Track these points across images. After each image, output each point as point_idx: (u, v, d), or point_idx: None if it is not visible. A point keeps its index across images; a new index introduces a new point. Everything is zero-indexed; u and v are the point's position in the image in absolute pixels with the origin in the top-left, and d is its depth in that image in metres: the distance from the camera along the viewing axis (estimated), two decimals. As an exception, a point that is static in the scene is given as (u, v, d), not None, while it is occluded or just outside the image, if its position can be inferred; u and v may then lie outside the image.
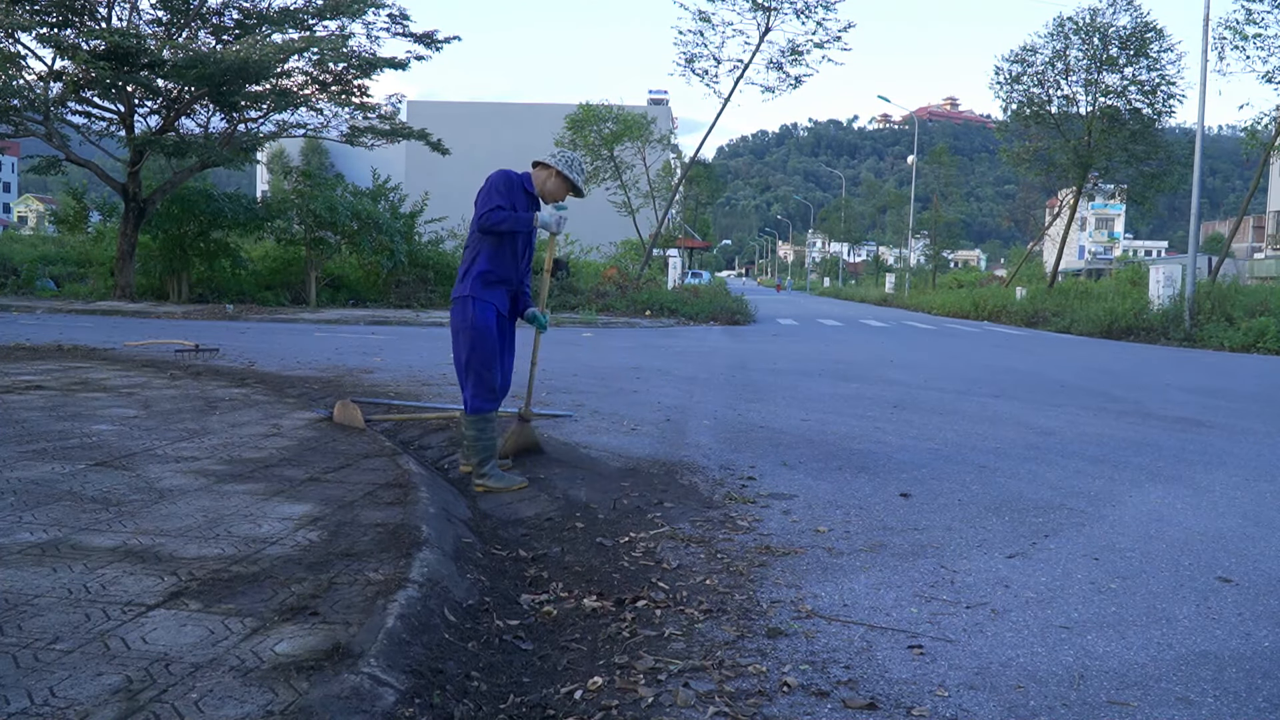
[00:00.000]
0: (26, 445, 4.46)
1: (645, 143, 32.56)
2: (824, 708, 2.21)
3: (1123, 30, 27.96)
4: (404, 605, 2.49)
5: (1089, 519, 4.03)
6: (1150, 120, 28.29)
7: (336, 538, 3.14)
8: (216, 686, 1.99)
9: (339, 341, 12.04)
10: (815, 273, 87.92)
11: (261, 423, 5.39)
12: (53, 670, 2.04)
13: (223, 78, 17.90)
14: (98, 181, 20.72)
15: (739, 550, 3.43)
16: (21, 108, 17.95)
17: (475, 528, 3.70)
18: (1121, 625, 2.79)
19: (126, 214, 19.86)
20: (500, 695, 2.25)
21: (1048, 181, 33.90)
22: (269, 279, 21.61)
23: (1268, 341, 16.38)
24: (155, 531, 3.13)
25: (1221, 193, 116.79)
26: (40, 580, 2.61)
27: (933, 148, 53.64)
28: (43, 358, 8.61)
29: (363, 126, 21.59)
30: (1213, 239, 55.37)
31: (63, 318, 15.58)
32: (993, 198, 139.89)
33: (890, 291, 45.00)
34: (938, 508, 4.13)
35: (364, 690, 2.02)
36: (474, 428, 4.32)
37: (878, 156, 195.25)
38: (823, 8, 23.76)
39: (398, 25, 20.54)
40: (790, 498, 4.22)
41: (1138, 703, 2.28)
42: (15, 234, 47.20)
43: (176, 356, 9.32)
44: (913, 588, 3.07)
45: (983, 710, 2.22)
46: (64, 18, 18.35)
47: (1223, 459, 5.56)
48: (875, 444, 5.63)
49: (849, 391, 8.23)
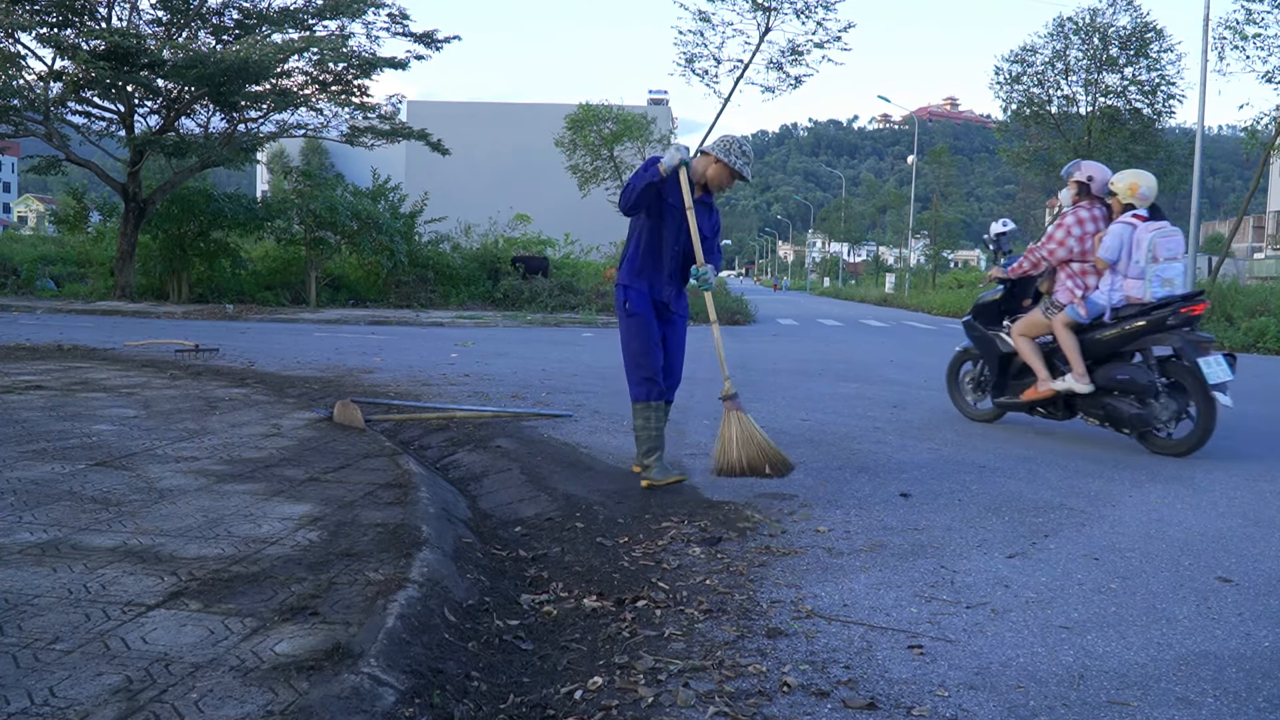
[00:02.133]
0: (26, 445, 4.46)
1: (645, 143, 32.51)
2: (824, 708, 2.21)
3: (1123, 30, 27.97)
4: (404, 605, 2.49)
5: (1089, 519, 4.03)
6: (1150, 120, 28.30)
7: (336, 538, 3.14)
8: (216, 686, 2.00)
9: (339, 341, 12.03)
10: (815, 273, 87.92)
11: (261, 423, 5.39)
12: (53, 670, 2.04)
13: (223, 78, 17.89)
14: (98, 181, 20.72)
15: (739, 550, 3.43)
16: (21, 108, 17.95)
17: (475, 528, 3.70)
18: (1121, 625, 2.79)
19: (126, 214, 19.86)
20: (500, 695, 2.25)
21: (1048, 181, 33.90)
22: (269, 279, 21.61)
23: (1268, 341, 16.38)
24: (155, 531, 3.13)
25: (1221, 193, 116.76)
26: (40, 580, 2.61)
27: (933, 148, 53.65)
28: (43, 358, 8.61)
29: (363, 126, 21.59)
30: (1213, 239, 55.35)
31: (63, 318, 15.58)
32: (993, 198, 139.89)
33: (890, 291, 45.01)
34: (938, 508, 4.13)
35: (364, 690, 2.02)
36: (636, 416, 4.29)
37: (878, 156, 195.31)
38: (823, 8, 23.75)
39: (398, 25, 20.54)
40: (790, 498, 4.22)
41: (1138, 703, 2.28)
42: (15, 234, 47.18)
43: (176, 356, 9.32)
44: (913, 588, 3.07)
45: (983, 710, 2.22)
46: (64, 18, 18.34)
47: (1223, 459, 5.55)
48: (875, 444, 5.63)
49: (849, 391, 8.23)
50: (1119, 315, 5.70)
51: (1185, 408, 5.54)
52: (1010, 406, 6.33)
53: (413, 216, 22.29)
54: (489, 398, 6.98)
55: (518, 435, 5.43)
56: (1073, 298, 5.81)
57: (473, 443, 5.22)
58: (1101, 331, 5.74)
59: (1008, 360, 6.35)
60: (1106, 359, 5.78)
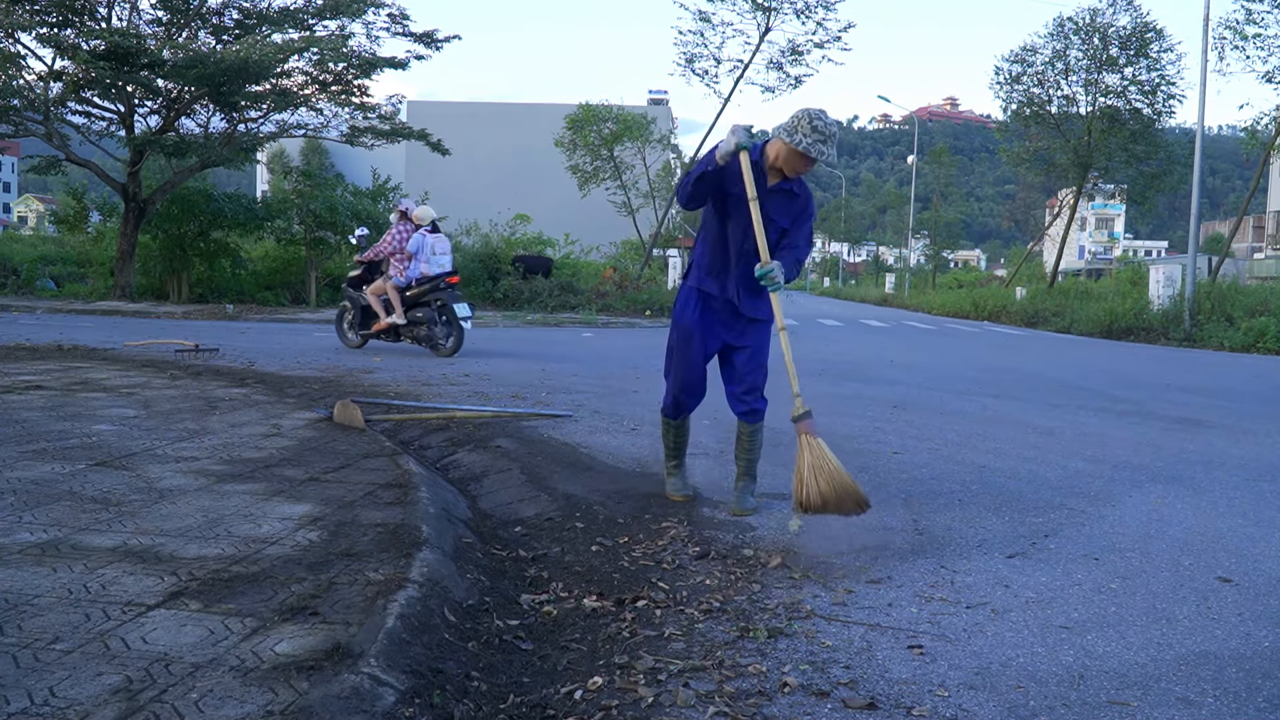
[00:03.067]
0: (26, 445, 4.46)
1: (645, 143, 32.50)
2: (824, 708, 2.21)
3: (1123, 30, 27.98)
4: (404, 605, 2.49)
5: (1089, 519, 4.03)
6: (1150, 120, 28.30)
7: (336, 538, 3.14)
8: (216, 686, 1.99)
9: (339, 341, 12.03)
10: (815, 273, 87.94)
11: (261, 423, 5.39)
12: (53, 670, 2.04)
13: (223, 78, 17.89)
14: (98, 181, 20.72)
15: (739, 550, 3.43)
16: (21, 108, 17.95)
17: (475, 528, 3.70)
18: (1121, 625, 2.79)
19: (126, 214, 19.85)
20: (500, 695, 2.25)
21: (1048, 181, 33.96)
22: (269, 279, 21.62)
23: (1268, 341, 16.38)
24: (155, 531, 3.13)
25: (1221, 193, 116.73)
26: (40, 580, 2.61)
27: (933, 148, 53.65)
28: (43, 358, 8.61)
29: (363, 126, 21.58)
30: (1213, 239, 55.35)
31: (63, 318, 15.58)
32: (993, 198, 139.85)
33: (890, 291, 45.02)
34: (938, 508, 4.13)
35: (364, 690, 2.02)
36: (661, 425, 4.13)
37: (878, 156, 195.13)
38: (823, 8, 23.76)
39: (398, 25, 20.53)
40: (789, 498, 4.21)
41: (1138, 703, 2.28)
42: (15, 234, 47.17)
43: (176, 356, 9.32)
44: (913, 588, 3.07)
45: (983, 710, 2.22)
46: (64, 18, 18.34)
47: (1223, 459, 5.56)
48: (875, 444, 5.63)
49: (849, 391, 8.23)
50: (419, 282, 10.44)
51: (451, 331, 10.35)
52: (369, 336, 10.83)
53: (413, 217, 22.28)
54: (489, 398, 6.98)
55: (518, 435, 5.42)
56: (398, 273, 10.59)
57: (473, 443, 5.22)
58: (410, 291, 10.47)
59: (366, 310, 10.83)
60: (414, 306, 10.47)
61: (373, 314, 10.70)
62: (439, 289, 10.31)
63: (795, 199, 3.80)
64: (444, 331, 10.31)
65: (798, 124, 3.58)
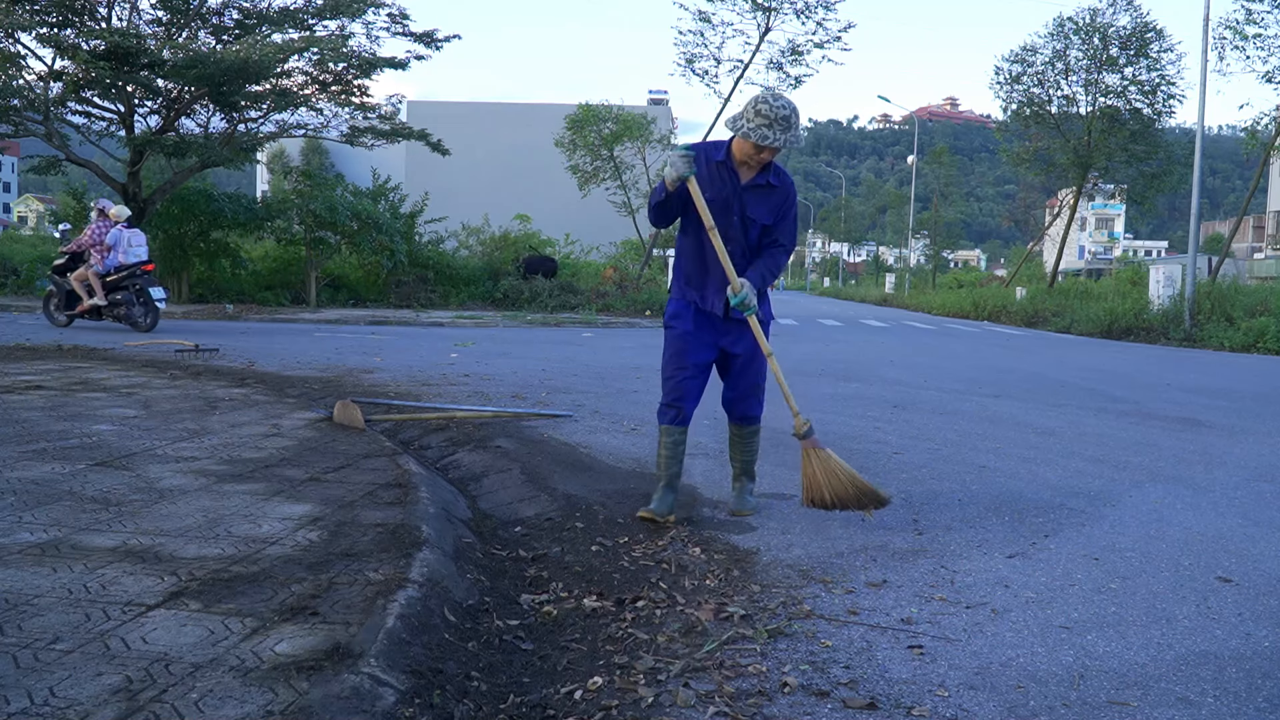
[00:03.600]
0: (26, 445, 4.46)
1: (645, 143, 32.48)
2: (824, 708, 2.21)
3: (1123, 30, 27.97)
4: (404, 605, 2.49)
5: (1089, 519, 4.03)
6: (1150, 120, 28.29)
7: (336, 538, 3.14)
8: (216, 686, 2.00)
9: (339, 341, 12.03)
10: (815, 273, 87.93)
11: (261, 423, 5.39)
12: (53, 670, 2.05)
13: (223, 78, 17.88)
14: (98, 181, 20.71)
15: (738, 550, 3.43)
16: (21, 108, 17.92)
17: (475, 528, 3.70)
18: (1121, 625, 2.79)
19: (126, 214, 19.84)
20: (500, 695, 2.25)
21: (1048, 181, 33.91)
22: (269, 279, 21.61)
23: (1268, 341, 16.38)
24: (155, 531, 3.13)
25: (1221, 193, 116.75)
26: (40, 580, 2.61)
27: (933, 148, 53.66)
28: (43, 358, 8.61)
29: (363, 126, 21.56)
30: (1213, 239, 55.37)
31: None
32: (993, 198, 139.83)
33: (890, 291, 45.00)
34: (938, 508, 4.13)
35: (364, 690, 2.02)
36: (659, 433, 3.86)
37: (878, 156, 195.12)
38: (823, 8, 23.74)
39: (398, 25, 20.51)
40: (789, 498, 4.21)
41: (1138, 703, 2.28)
42: (15, 234, 47.17)
43: (176, 356, 9.32)
44: (913, 588, 3.07)
45: (983, 710, 2.22)
46: (64, 18, 18.32)
47: (1223, 459, 5.56)
48: (875, 444, 5.63)
49: (849, 391, 8.23)
50: (118, 270, 12.23)
51: (148, 311, 12.14)
52: (74, 316, 12.46)
53: (413, 216, 22.30)
54: (489, 398, 6.98)
55: (518, 435, 5.42)
56: (99, 262, 12.24)
57: (473, 443, 5.22)
58: (110, 277, 12.21)
59: (71, 294, 12.47)
60: (114, 290, 12.21)
61: (77, 297, 12.38)
62: (136, 275, 12.20)
63: (774, 192, 3.67)
64: (141, 311, 12.16)
65: (743, 111, 3.47)
